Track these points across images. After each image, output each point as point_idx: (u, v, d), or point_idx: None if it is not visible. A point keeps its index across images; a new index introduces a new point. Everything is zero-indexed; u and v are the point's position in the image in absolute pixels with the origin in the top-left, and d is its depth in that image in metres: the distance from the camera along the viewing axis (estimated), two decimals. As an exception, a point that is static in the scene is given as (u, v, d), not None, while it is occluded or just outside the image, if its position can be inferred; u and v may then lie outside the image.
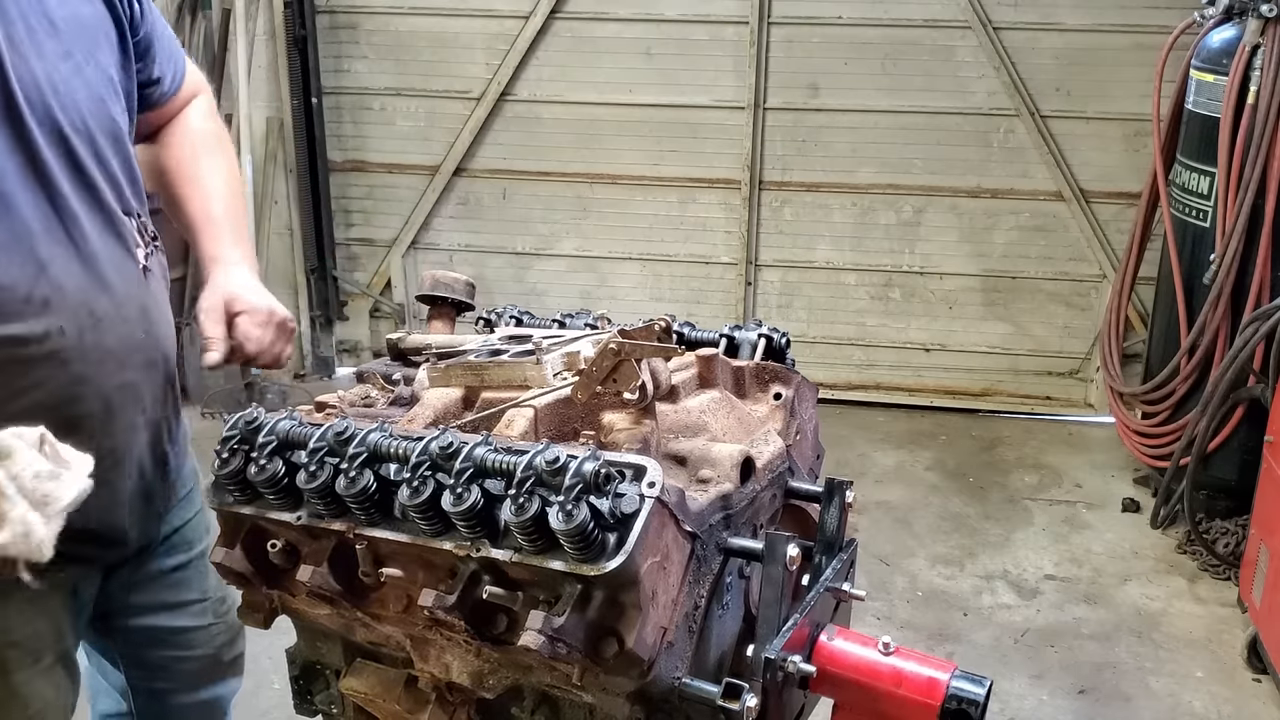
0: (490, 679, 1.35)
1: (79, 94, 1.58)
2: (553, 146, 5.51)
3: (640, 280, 5.69)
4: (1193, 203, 4.27)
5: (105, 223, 1.62)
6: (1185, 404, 4.29)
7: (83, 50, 1.60)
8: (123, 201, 1.67)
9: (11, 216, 1.49)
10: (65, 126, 1.55)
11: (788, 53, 5.24)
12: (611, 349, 1.32)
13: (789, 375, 1.69)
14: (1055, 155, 5.17)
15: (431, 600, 1.23)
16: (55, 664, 1.75)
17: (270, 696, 3.17)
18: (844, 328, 5.61)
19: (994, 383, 5.57)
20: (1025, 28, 5.06)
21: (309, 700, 1.58)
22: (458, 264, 5.62)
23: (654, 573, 1.21)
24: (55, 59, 1.55)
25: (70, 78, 1.57)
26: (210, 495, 1.38)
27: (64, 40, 1.57)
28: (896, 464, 5.01)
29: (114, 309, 1.63)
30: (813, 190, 5.44)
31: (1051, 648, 3.68)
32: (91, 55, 1.62)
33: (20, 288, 1.50)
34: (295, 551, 1.36)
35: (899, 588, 4.01)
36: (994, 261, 5.40)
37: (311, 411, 1.50)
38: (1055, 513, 4.57)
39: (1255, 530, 3.61)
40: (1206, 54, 4.17)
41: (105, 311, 1.61)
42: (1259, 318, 3.71)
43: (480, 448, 1.22)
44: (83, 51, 1.60)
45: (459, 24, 5.38)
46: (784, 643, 1.34)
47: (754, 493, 1.45)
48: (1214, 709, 3.39)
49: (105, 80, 1.64)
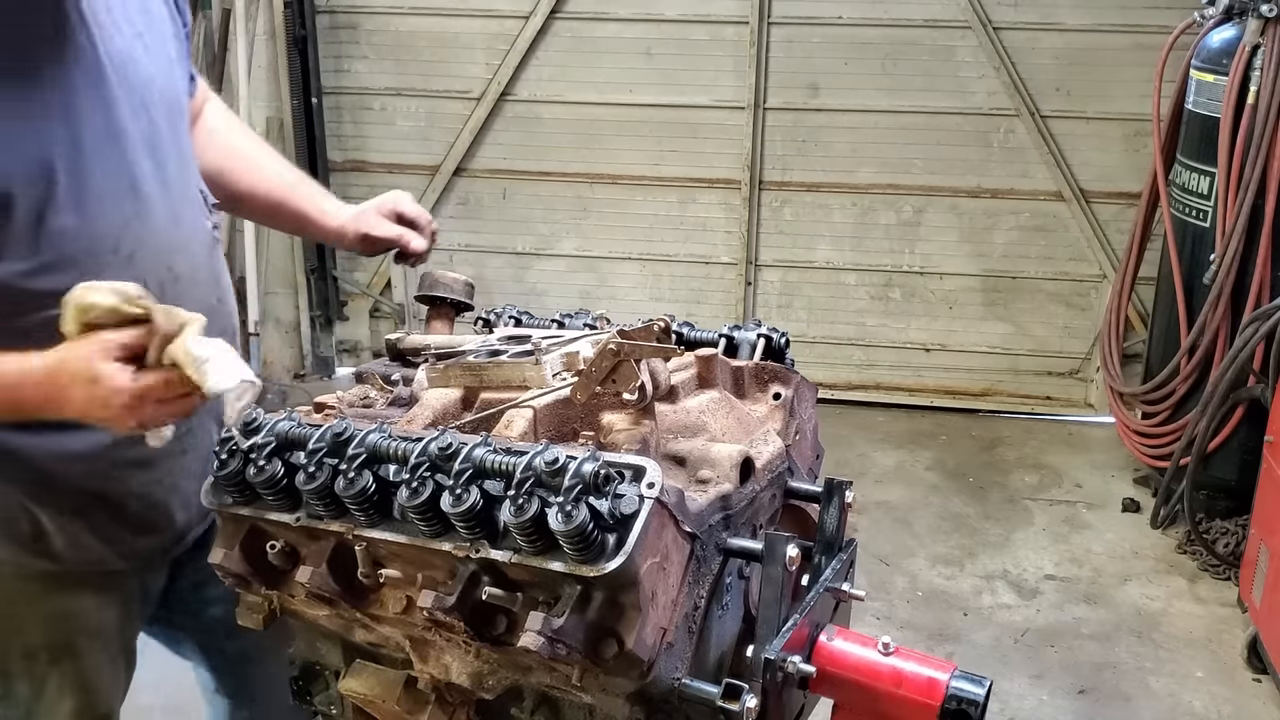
0: (490, 680, 1.35)
1: (152, 70, 1.68)
2: (553, 146, 5.51)
3: (640, 280, 5.69)
4: (1193, 203, 4.27)
5: (183, 188, 1.72)
6: (1185, 404, 4.29)
7: (153, 35, 1.70)
8: (191, 173, 1.77)
9: (104, 170, 1.58)
10: (144, 97, 1.65)
11: (788, 53, 5.24)
12: (611, 349, 1.32)
13: (788, 375, 1.68)
14: (1055, 155, 5.17)
15: (431, 601, 1.23)
16: (119, 653, 1.83)
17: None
18: (844, 328, 5.61)
19: (994, 383, 5.57)
20: (1025, 28, 5.06)
21: (309, 701, 1.58)
22: (458, 264, 5.62)
23: (653, 573, 1.20)
24: (131, 37, 1.65)
25: (142, 56, 1.66)
26: (209, 496, 1.38)
27: (136, 24, 1.67)
28: (896, 464, 5.00)
29: (190, 270, 1.70)
30: (813, 190, 5.43)
31: (1051, 648, 3.68)
32: (159, 41, 1.72)
33: (108, 239, 1.57)
34: (294, 552, 1.36)
35: (899, 588, 4.01)
36: (994, 261, 5.40)
37: (310, 412, 1.49)
38: (1055, 513, 4.57)
39: (1255, 530, 3.61)
40: (1206, 54, 4.17)
41: (183, 271, 1.68)
42: (1259, 318, 3.71)
43: (479, 448, 1.22)
44: (152, 36, 1.70)
45: (459, 24, 5.38)
46: (784, 643, 1.34)
47: (753, 493, 1.45)
48: (1214, 709, 3.39)
49: (168, 63, 1.74)
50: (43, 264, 1.52)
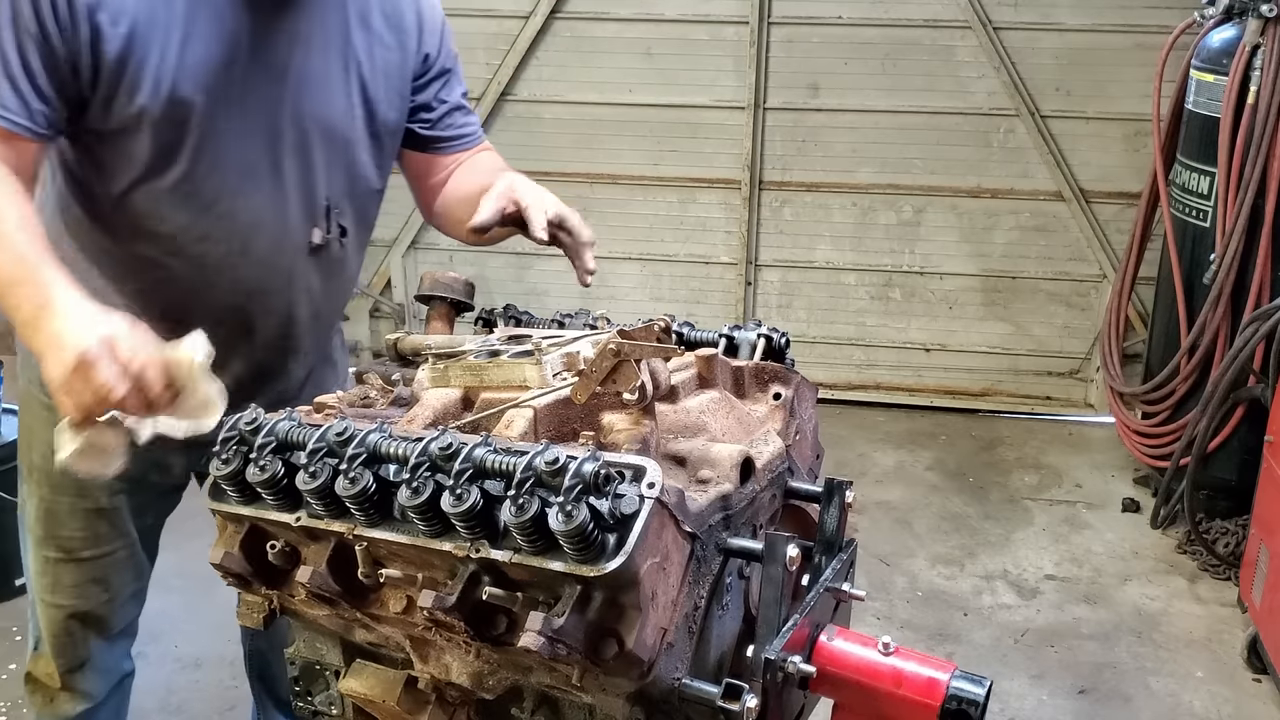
0: (490, 680, 1.35)
1: (333, 98, 1.89)
2: (553, 146, 5.51)
3: (640, 280, 5.69)
4: (1193, 203, 4.27)
5: (301, 193, 1.89)
6: (1185, 404, 4.29)
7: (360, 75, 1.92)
8: (315, 192, 1.92)
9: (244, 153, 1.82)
10: (307, 114, 1.86)
11: (788, 53, 5.24)
12: (611, 349, 1.32)
13: (788, 375, 1.68)
14: (1055, 155, 5.17)
15: (431, 601, 1.23)
16: (123, 551, 2.13)
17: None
18: (844, 328, 5.61)
19: (994, 383, 5.57)
20: (1025, 28, 5.06)
21: (309, 701, 1.58)
22: (458, 264, 5.62)
23: (654, 573, 1.20)
24: (331, 68, 1.88)
25: (333, 85, 1.89)
26: (209, 496, 1.38)
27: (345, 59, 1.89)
28: (896, 464, 5.00)
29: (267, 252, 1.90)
30: (813, 190, 5.43)
31: (1051, 648, 3.68)
32: (365, 82, 1.92)
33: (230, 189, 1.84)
34: (295, 552, 1.36)
35: (899, 588, 4.01)
36: (994, 261, 5.40)
37: (310, 412, 1.49)
38: (1055, 513, 4.57)
39: (1255, 530, 3.61)
40: (1206, 54, 4.17)
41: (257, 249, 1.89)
42: (1259, 318, 3.71)
43: (480, 448, 1.22)
44: (359, 75, 1.91)
45: (459, 24, 5.31)
46: (784, 643, 1.34)
47: (754, 493, 1.45)
48: (1214, 709, 3.39)
49: (364, 102, 1.93)
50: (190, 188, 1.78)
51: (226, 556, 1.37)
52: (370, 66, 1.92)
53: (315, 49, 1.84)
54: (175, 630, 3.57)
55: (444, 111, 2.08)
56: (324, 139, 1.89)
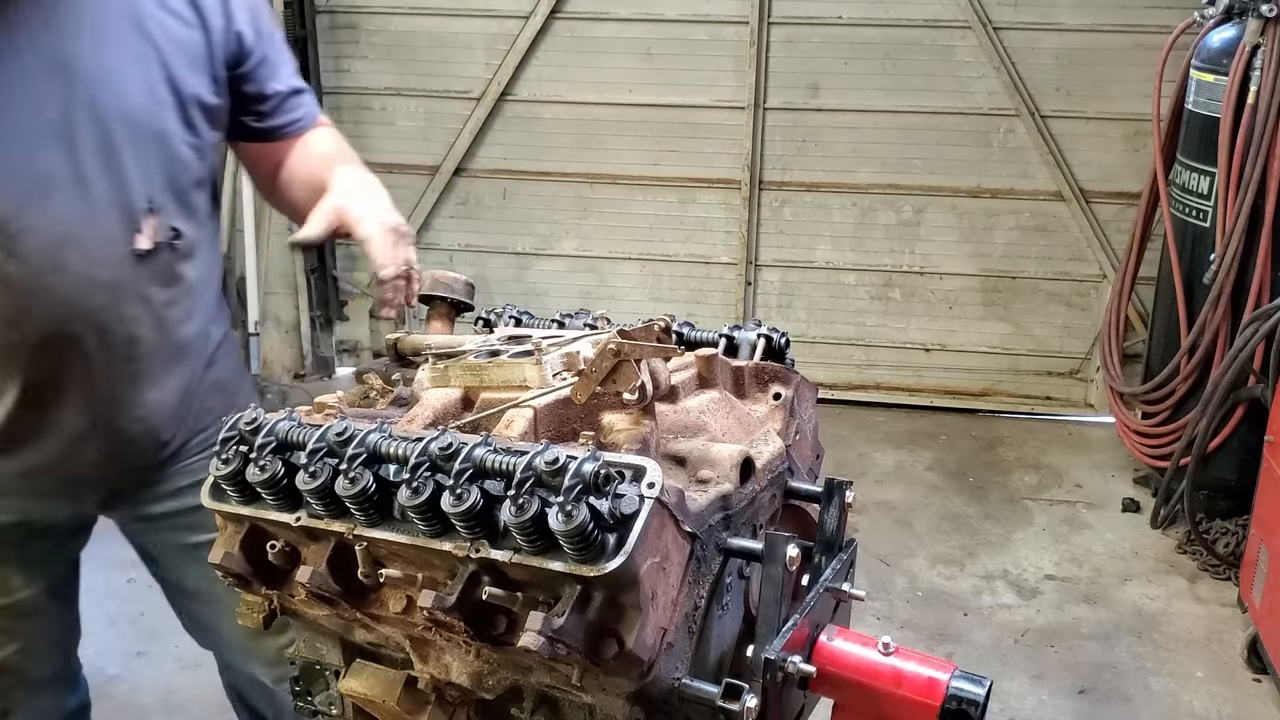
0: (490, 680, 1.35)
1: (132, 88, 1.75)
2: (553, 146, 5.51)
3: (640, 280, 5.69)
4: (1193, 203, 4.27)
5: (109, 195, 1.75)
6: (1185, 404, 4.29)
7: (160, 59, 1.77)
8: (130, 187, 1.78)
9: (34, 160, 1.68)
10: (98, 102, 1.71)
11: (788, 53, 5.24)
12: (611, 349, 1.32)
13: (788, 375, 1.68)
14: (1055, 155, 5.17)
15: (431, 601, 1.23)
16: (36, 600, 2.03)
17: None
18: (844, 328, 5.61)
19: (994, 383, 5.57)
20: (1025, 28, 5.06)
21: (308, 701, 1.58)
22: (458, 264, 5.62)
23: (654, 573, 1.20)
24: (126, 56, 1.74)
25: (130, 74, 1.74)
26: (209, 496, 1.37)
27: (141, 44, 1.75)
28: (896, 464, 5.00)
29: (85, 269, 1.75)
30: (813, 190, 5.44)
31: (1051, 648, 3.68)
32: (168, 65, 1.78)
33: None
34: (295, 552, 1.36)
35: (899, 588, 4.01)
36: (994, 261, 5.40)
37: (310, 412, 1.49)
38: (1055, 513, 4.57)
39: (1255, 530, 3.61)
40: (1206, 54, 4.17)
41: (76, 268, 1.74)
42: (1259, 318, 3.71)
43: (480, 448, 1.22)
44: (159, 60, 1.77)
45: (459, 24, 5.38)
46: (784, 643, 1.33)
47: (754, 493, 1.45)
48: (1214, 709, 3.39)
49: (171, 88, 1.80)
50: None
51: (226, 556, 1.37)
52: (173, 49, 1.79)
53: (105, 40, 1.72)
54: (175, 630, 3.52)
55: (276, 102, 2.01)
56: (130, 135, 1.75)
